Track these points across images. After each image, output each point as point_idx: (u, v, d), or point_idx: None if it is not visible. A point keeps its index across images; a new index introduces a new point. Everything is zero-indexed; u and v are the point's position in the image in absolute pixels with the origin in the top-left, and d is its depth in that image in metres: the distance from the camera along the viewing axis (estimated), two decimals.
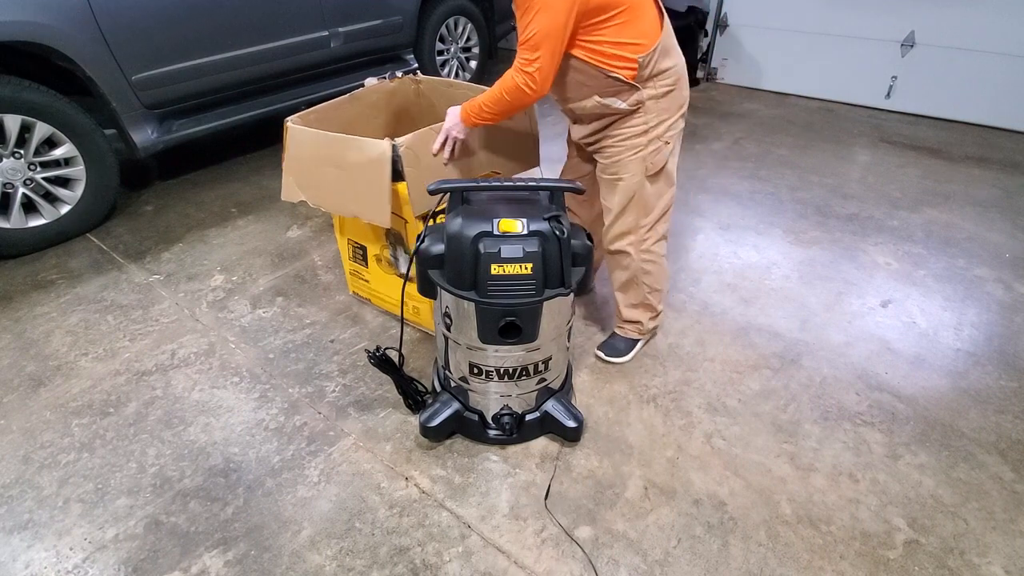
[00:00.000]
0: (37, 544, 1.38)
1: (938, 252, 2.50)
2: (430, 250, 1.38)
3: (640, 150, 1.61)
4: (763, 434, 1.66)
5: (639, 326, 1.90)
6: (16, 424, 1.70)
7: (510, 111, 1.56)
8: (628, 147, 1.61)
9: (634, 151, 1.61)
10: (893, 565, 1.33)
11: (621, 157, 1.62)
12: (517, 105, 1.52)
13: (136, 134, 2.60)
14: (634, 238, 1.72)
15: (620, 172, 1.64)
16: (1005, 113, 3.75)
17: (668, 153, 1.64)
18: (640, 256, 1.75)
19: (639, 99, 1.55)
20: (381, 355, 1.58)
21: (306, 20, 3.03)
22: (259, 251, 2.51)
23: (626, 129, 1.60)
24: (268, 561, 1.34)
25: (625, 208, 1.68)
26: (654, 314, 1.89)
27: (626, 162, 1.62)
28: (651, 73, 1.53)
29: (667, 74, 1.56)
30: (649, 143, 1.60)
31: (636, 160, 1.61)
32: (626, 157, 1.62)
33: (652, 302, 1.85)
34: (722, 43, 4.62)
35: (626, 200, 1.67)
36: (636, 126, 1.59)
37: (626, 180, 1.64)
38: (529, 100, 1.49)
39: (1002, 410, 1.74)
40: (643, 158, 1.61)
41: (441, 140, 1.65)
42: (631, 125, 1.59)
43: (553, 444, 1.62)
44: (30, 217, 2.43)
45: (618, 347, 1.92)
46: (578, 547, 1.36)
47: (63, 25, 2.25)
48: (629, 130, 1.59)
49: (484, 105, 1.55)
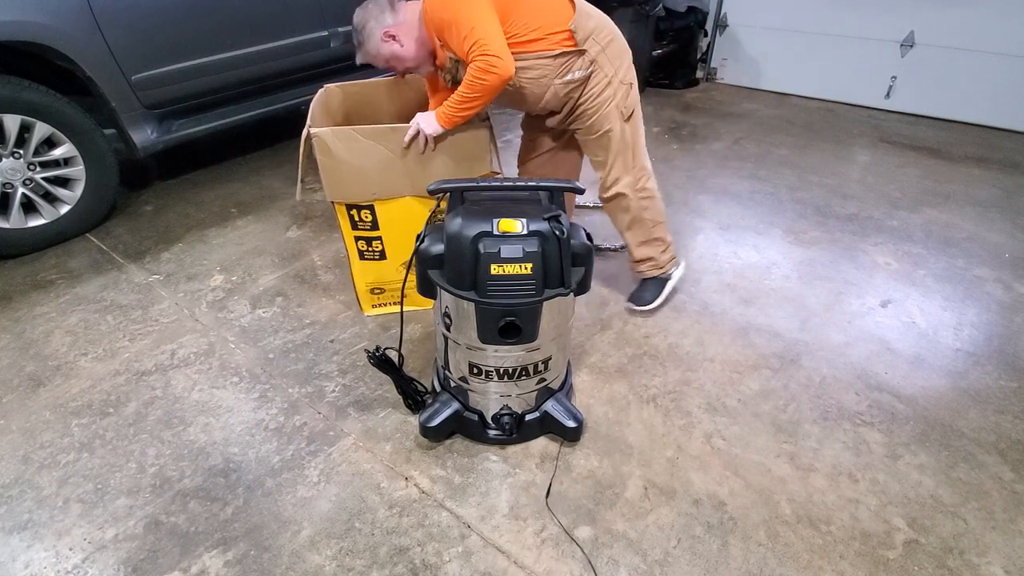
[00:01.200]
0: (37, 544, 1.38)
1: (938, 252, 2.51)
2: (430, 250, 1.38)
3: (612, 100, 1.76)
4: (763, 434, 1.66)
5: (654, 262, 2.05)
6: (16, 424, 1.69)
7: (485, 96, 1.60)
8: (601, 101, 1.76)
9: (608, 103, 1.76)
10: (893, 565, 1.34)
11: (599, 112, 1.78)
12: (490, 87, 1.57)
13: (136, 134, 2.59)
14: (629, 179, 1.88)
15: (603, 125, 1.80)
16: (1005, 113, 3.75)
17: (635, 95, 1.81)
18: (636, 195, 1.90)
19: (591, 58, 1.70)
20: (381, 355, 1.58)
21: (306, 20, 3.02)
22: (259, 251, 2.50)
23: (593, 90, 1.75)
24: (268, 561, 1.34)
25: (616, 155, 1.84)
26: (664, 246, 2.04)
27: (604, 115, 1.78)
28: (586, 33, 1.68)
29: (600, 27, 1.71)
30: (616, 90, 1.76)
31: (612, 109, 1.77)
32: (603, 111, 1.77)
33: (658, 234, 2.01)
34: (722, 43, 4.62)
35: (616, 147, 1.83)
36: (600, 82, 1.74)
37: (613, 129, 1.80)
38: (499, 77, 1.56)
39: (1002, 410, 1.74)
40: (617, 105, 1.77)
41: (411, 134, 1.70)
42: (595, 84, 1.74)
43: (553, 444, 1.62)
44: (29, 217, 2.43)
45: (644, 296, 2.08)
46: (578, 547, 1.36)
47: (63, 25, 2.25)
48: (595, 88, 1.75)
49: (457, 103, 1.62)
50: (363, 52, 1.80)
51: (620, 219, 1.98)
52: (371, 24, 1.73)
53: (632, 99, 1.81)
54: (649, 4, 4.11)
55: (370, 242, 1.92)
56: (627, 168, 1.87)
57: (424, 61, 1.79)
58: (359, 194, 1.79)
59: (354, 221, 1.86)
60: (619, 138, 1.81)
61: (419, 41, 1.73)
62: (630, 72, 1.80)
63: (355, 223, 1.87)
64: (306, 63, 3.14)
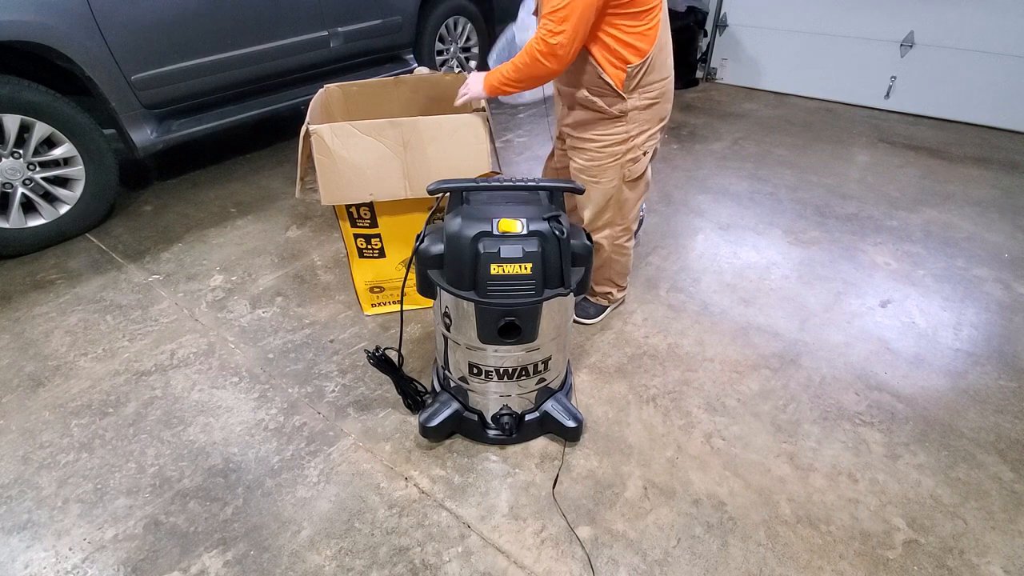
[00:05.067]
0: (36, 544, 1.38)
1: (937, 252, 2.51)
2: (429, 250, 1.38)
3: (618, 158, 1.69)
4: (762, 434, 1.66)
5: (608, 296, 2.09)
6: (15, 424, 1.69)
7: (529, 81, 1.56)
8: (607, 154, 1.69)
9: (612, 158, 1.69)
10: (892, 565, 1.34)
11: (600, 163, 1.71)
12: (536, 75, 1.52)
13: (135, 134, 2.59)
14: (609, 233, 1.86)
15: (598, 176, 1.74)
16: (1005, 113, 3.76)
17: (646, 162, 1.74)
18: (612, 249, 1.91)
19: (623, 108, 1.62)
20: (380, 355, 1.58)
21: (306, 20, 3.03)
22: (259, 251, 2.50)
23: (607, 136, 1.67)
24: (268, 561, 1.34)
25: (603, 209, 1.80)
26: (621, 289, 2.10)
27: (604, 167, 1.72)
28: (637, 84, 1.60)
29: (653, 87, 1.63)
30: (628, 152, 1.69)
31: (614, 167, 1.71)
32: (605, 163, 1.71)
33: (619, 282, 2.05)
34: (721, 43, 4.63)
35: (603, 202, 1.78)
36: (617, 134, 1.67)
37: (603, 184, 1.74)
38: (546, 72, 1.50)
39: (1001, 410, 1.74)
40: (621, 165, 1.71)
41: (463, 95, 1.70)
42: (612, 132, 1.66)
43: (553, 444, 1.62)
44: (29, 217, 2.43)
45: (588, 311, 2.09)
46: (578, 547, 1.36)
47: (63, 25, 2.25)
48: (610, 137, 1.67)
49: (505, 73, 1.57)
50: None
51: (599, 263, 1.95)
52: None
53: (639, 168, 1.73)
54: None
55: (369, 240, 1.92)
56: (610, 223, 1.84)
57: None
58: (355, 195, 1.77)
59: (353, 218, 1.86)
60: (611, 196, 1.76)
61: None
62: (652, 140, 1.72)
63: (354, 220, 1.87)
64: (306, 63, 3.14)
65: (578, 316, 2.07)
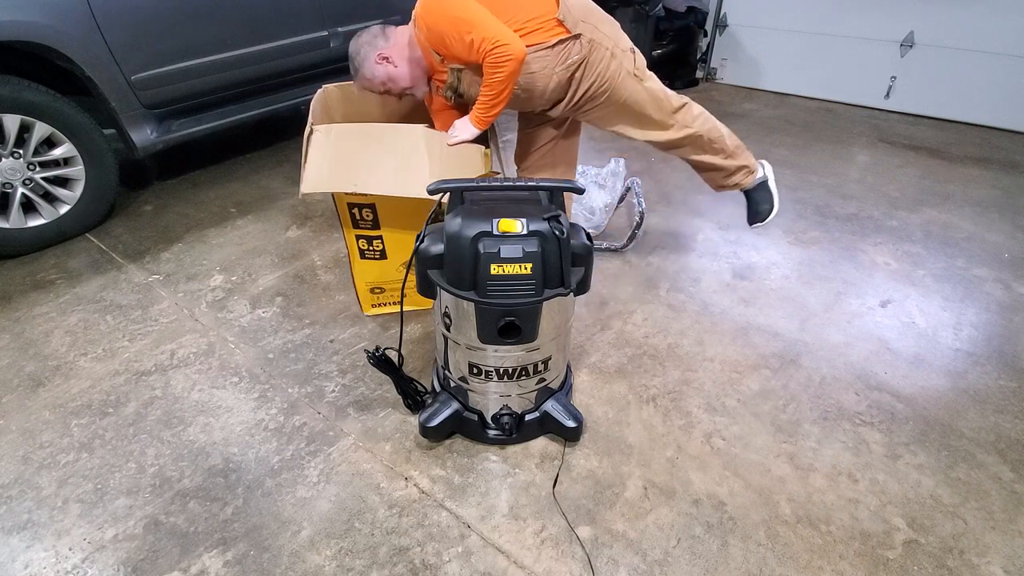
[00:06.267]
0: (36, 544, 1.38)
1: (937, 252, 2.51)
2: (429, 250, 1.38)
3: (619, 70, 1.78)
4: (762, 434, 1.66)
5: (746, 170, 2.09)
6: (15, 424, 1.69)
7: (507, 84, 1.65)
8: (612, 74, 1.78)
9: (618, 74, 1.78)
10: (892, 565, 1.34)
11: (613, 84, 1.78)
12: (509, 74, 1.62)
13: (135, 134, 2.59)
14: (679, 116, 1.92)
15: (621, 94, 1.81)
16: (1005, 113, 3.76)
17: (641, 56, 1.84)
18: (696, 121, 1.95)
19: (588, 38, 1.71)
20: (380, 355, 1.58)
21: (306, 20, 3.03)
22: (259, 251, 2.50)
23: (599, 68, 1.76)
24: (267, 561, 1.34)
25: (645, 115, 1.87)
26: (744, 150, 2.08)
27: (619, 85, 1.79)
28: (575, 19, 1.69)
29: (586, 11, 1.74)
30: (622, 59, 1.78)
31: (626, 76, 1.79)
32: (617, 81, 1.78)
33: (736, 141, 2.04)
34: (721, 43, 4.63)
35: (641, 109, 1.85)
36: (603, 57, 1.75)
37: (628, 95, 1.81)
38: (515, 61, 1.59)
39: (1001, 410, 1.74)
40: (628, 71, 1.79)
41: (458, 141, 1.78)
42: (599, 61, 1.75)
43: (552, 444, 1.62)
44: (29, 217, 2.43)
45: (762, 208, 2.13)
46: (578, 547, 1.36)
47: (62, 25, 2.25)
48: (600, 65, 1.76)
49: (484, 101, 1.67)
50: (359, 77, 1.86)
51: (692, 156, 2.02)
52: (365, 49, 1.80)
53: (640, 61, 1.83)
54: (649, 4, 4.11)
55: (371, 241, 1.92)
56: (665, 118, 1.91)
57: (419, 81, 1.84)
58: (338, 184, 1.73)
59: (355, 220, 1.86)
60: (640, 98, 1.84)
61: (412, 61, 1.79)
62: (626, 39, 1.82)
63: (356, 221, 1.86)
64: (306, 63, 3.14)
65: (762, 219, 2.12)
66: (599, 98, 1.82)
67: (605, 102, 1.83)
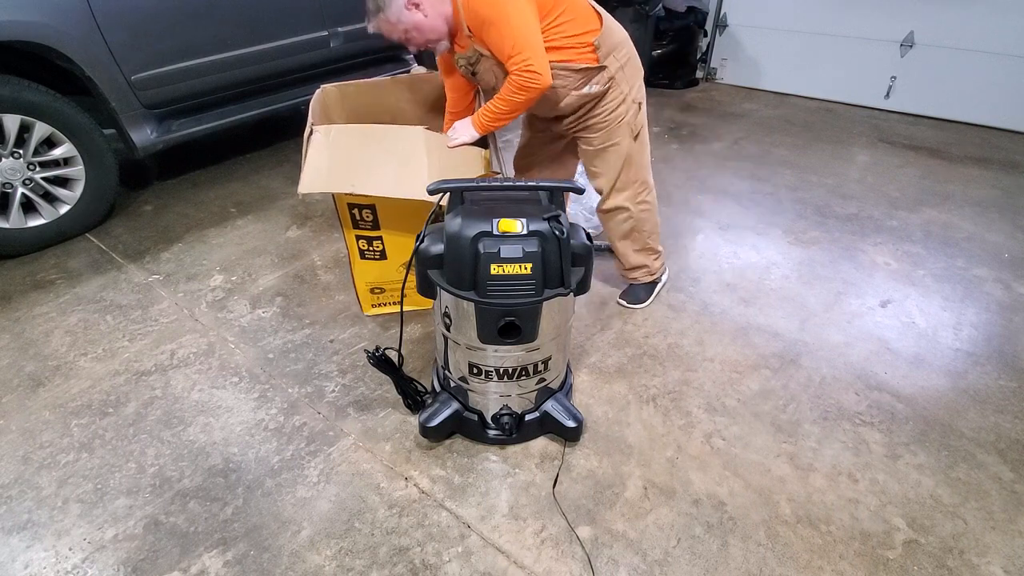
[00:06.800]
0: (36, 544, 1.38)
1: (937, 252, 2.51)
2: (429, 250, 1.38)
3: (623, 117, 1.81)
4: (762, 434, 1.66)
5: (647, 269, 2.11)
6: (15, 424, 1.69)
7: (523, 107, 1.67)
8: (615, 118, 1.81)
9: (619, 119, 1.81)
10: (892, 565, 1.34)
11: (610, 127, 1.82)
12: (529, 100, 1.63)
13: (135, 134, 2.59)
14: (630, 193, 1.94)
15: (613, 138, 1.84)
16: (1005, 113, 3.76)
17: (644, 113, 1.87)
18: (637, 208, 1.96)
19: (610, 75, 1.73)
20: (380, 355, 1.58)
21: (306, 20, 3.03)
22: (259, 251, 2.50)
23: (608, 104, 1.79)
24: (267, 561, 1.34)
25: (621, 170, 1.89)
26: (656, 255, 2.12)
27: (614, 130, 1.83)
28: (608, 50, 1.71)
29: (620, 45, 1.75)
30: (629, 108, 1.81)
31: (624, 126, 1.82)
32: (614, 126, 1.82)
33: (652, 244, 2.08)
34: (721, 43, 4.63)
35: (621, 162, 1.87)
36: (615, 99, 1.78)
37: (620, 144, 1.85)
38: (538, 90, 1.60)
39: (1001, 410, 1.74)
40: (628, 123, 1.82)
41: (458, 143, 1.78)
42: (611, 99, 1.78)
43: (552, 444, 1.62)
44: (29, 217, 2.43)
45: (638, 295, 2.15)
46: (578, 547, 1.36)
47: (62, 25, 2.25)
48: (611, 104, 1.79)
49: (495, 110, 1.68)
50: (379, 19, 1.64)
51: (617, 230, 2.03)
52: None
53: (641, 119, 1.86)
54: (649, 4, 4.11)
55: (371, 241, 1.92)
56: (629, 182, 1.92)
57: (443, 37, 1.70)
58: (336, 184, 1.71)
59: (355, 220, 1.86)
60: (626, 154, 1.86)
61: (444, 17, 1.64)
62: (642, 91, 1.86)
63: (356, 222, 1.86)
64: (306, 63, 3.14)
65: (628, 302, 2.14)
66: (595, 131, 1.85)
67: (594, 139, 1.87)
